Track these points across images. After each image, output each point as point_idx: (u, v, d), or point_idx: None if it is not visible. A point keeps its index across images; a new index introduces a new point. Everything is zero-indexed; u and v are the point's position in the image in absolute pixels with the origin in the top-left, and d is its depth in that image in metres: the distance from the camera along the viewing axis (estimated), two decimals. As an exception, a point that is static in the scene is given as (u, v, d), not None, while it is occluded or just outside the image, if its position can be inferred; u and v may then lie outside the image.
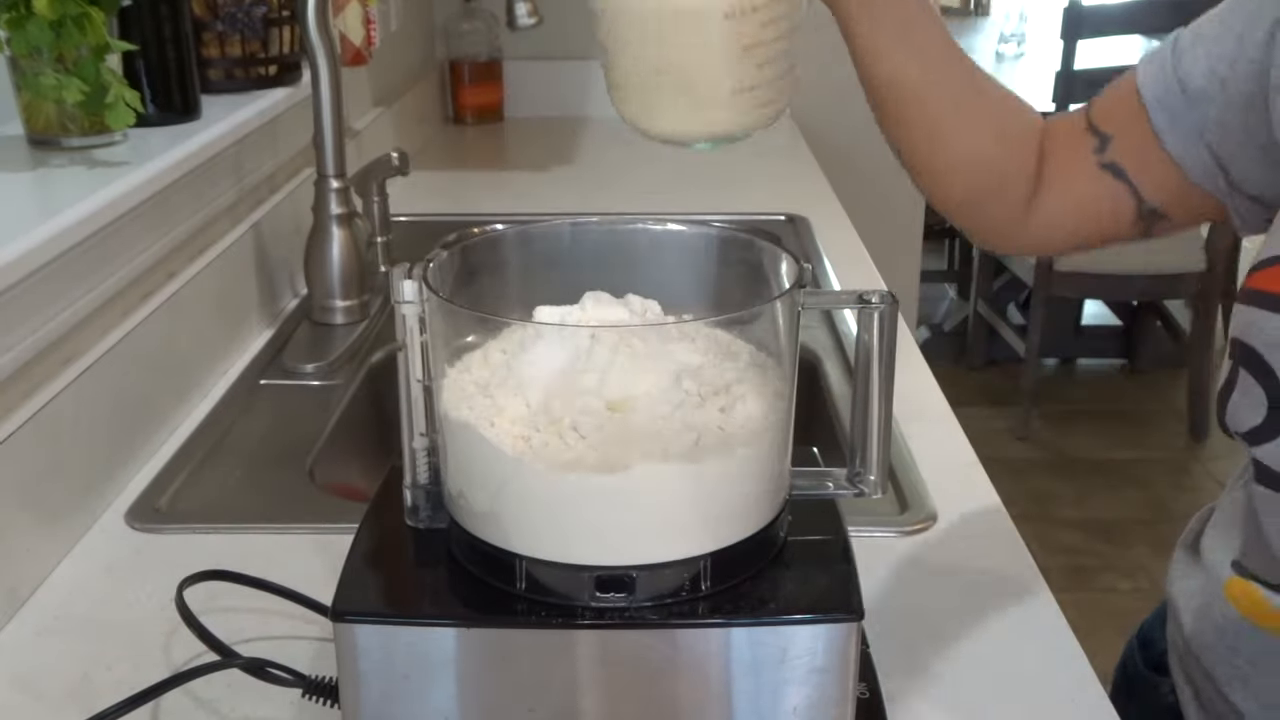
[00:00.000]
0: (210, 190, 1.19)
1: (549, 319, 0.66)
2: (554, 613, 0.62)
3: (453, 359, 0.64)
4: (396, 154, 1.40)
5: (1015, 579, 0.88)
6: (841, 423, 1.15)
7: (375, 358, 1.27)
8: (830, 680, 0.62)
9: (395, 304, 0.64)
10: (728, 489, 0.62)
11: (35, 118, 1.05)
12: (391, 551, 0.68)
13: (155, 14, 1.15)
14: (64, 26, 0.97)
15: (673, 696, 0.63)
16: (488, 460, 0.62)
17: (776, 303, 0.65)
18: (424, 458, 0.68)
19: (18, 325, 0.84)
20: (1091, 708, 0.75)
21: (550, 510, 0.61)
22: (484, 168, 2.17)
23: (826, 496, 0.70)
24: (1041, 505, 3.00)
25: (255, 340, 1.30)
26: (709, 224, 0.72)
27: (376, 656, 0.62)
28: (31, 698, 0.76)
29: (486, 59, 2.34)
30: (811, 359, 1.26)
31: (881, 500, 0.79)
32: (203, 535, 0.93)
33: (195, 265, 1.15)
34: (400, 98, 2.02)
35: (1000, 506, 0.97)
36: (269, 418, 1.14)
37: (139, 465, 1.03)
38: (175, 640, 0.80)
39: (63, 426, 0.90)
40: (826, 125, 2.43)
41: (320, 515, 0.95)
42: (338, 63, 1.26)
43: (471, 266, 0.70)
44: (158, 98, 1.16)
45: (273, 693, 0.72)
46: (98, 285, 0.95)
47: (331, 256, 1.31)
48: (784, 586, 0.64)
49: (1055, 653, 0.80)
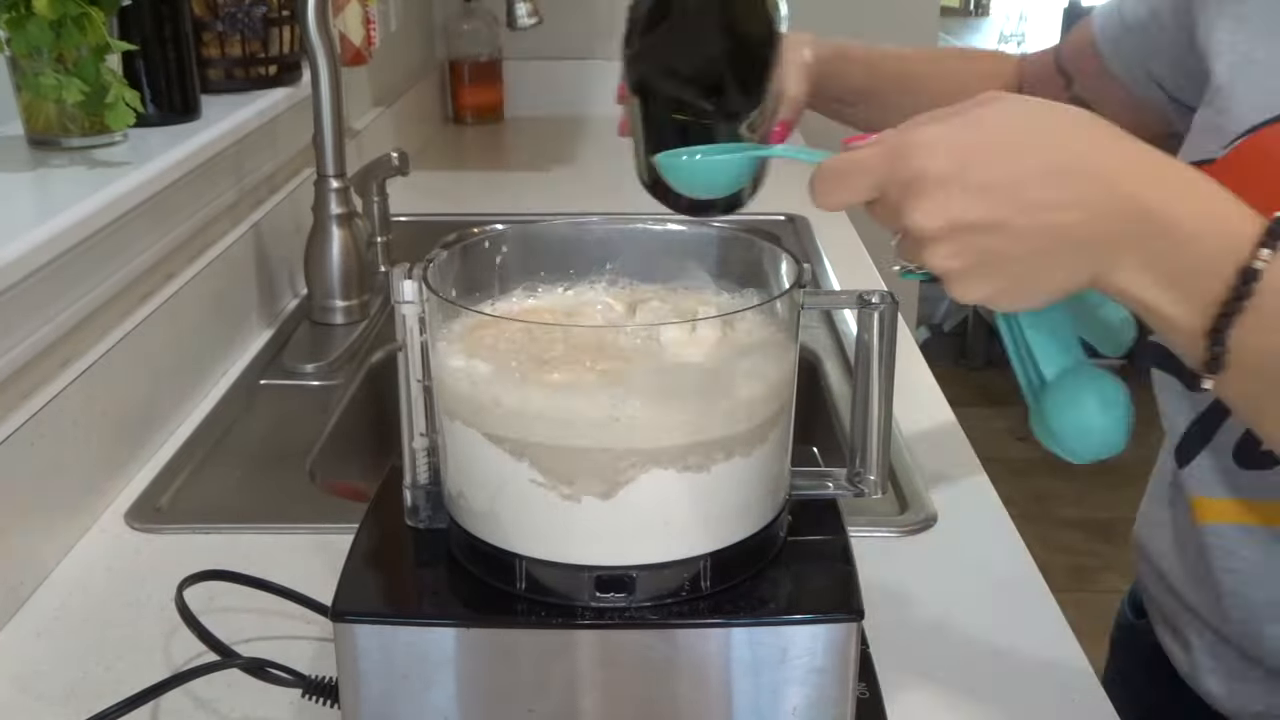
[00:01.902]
0: (210, 190, 1.19)
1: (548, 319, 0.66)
2: (554, 613, 0.62)
3: (453, 358, 0.64)
4: (396, 154, 1.40)
5: (1015, 579, 0.87)
6: (841, 423, 1.14)
7: (375, 358, 1.27)
8: (830, 680, 0.62)
9: (395, 304, 0.64)
10: (727, 489, 0.62)
11: (35, 118, 1.05)
12: (391, 551, 0.68)
13: (155, 14, 1.15)
14: (64, 26, 0.97)
15: (673, 696, 0.63)
16: (487, 460, 0.62)
17: (776, 303, 0.65)
18: (424, 458, 0.68)
19: (18, 325, 0.84)
20: (1091, 707, 0.75)
21: (550, 510, 0.61)
22: (484, 168, 2.17)
23: (826, 496, 0.70)
24: (1041, 505, 3.00)
25: (255, 340, 1.30)
26: (709, 224, 0.72)
27: (376, 656, 0.62)
28: (31, 698, 0.76)
29: (486, 59, 2.33)
30: (811, 359, 1.26)
31: (881, 500, 0.79)
32: (203, 535, 0.93)
33: (195, 265, 1.15)
34: (400, 98, 2.02)
35: (1000, 506, 0.97)
36: (269, 418, 1.14)
37: (139, 465, 1.03)
38: (175, 640, 0.80)
39: (63, 426, 0.90)
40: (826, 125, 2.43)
41: (320, 515, 0.95)
42: (338, 63, 1.26)
43: (471, 266, 0.70)
44: (158, 98, 1.16)
45: (273, 693, 0.72)
46: (98, 286, 0.95)
47: (331, 256, 1.31)
48: (784, 586, 0.64)
49: (1055, 653, 0.80)
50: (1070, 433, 0.57)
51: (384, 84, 1.94)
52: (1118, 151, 0.53)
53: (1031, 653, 0.80)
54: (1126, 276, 0.53)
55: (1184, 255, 0.52)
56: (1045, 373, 0.58)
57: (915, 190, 0.52)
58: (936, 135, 0.53)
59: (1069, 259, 0.52)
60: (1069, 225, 0.51)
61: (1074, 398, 0.57)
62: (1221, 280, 0.51)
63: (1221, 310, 0.51)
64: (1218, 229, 0.52)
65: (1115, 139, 0.54)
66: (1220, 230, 0.52)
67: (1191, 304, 0.52)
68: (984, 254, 0.52)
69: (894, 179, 0.53)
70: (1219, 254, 0.51)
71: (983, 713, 0.74)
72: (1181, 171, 0.53)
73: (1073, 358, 0.59)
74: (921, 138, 0.53)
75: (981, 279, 0.53)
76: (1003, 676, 0.78)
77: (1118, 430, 0.57)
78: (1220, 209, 0.52)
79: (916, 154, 0.53)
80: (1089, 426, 0.57)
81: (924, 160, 0.52)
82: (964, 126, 0.53)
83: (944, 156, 0.52)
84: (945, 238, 0.52)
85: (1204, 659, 0.81)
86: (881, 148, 0.54)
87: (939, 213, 0.52)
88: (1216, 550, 0.75)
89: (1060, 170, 0.52)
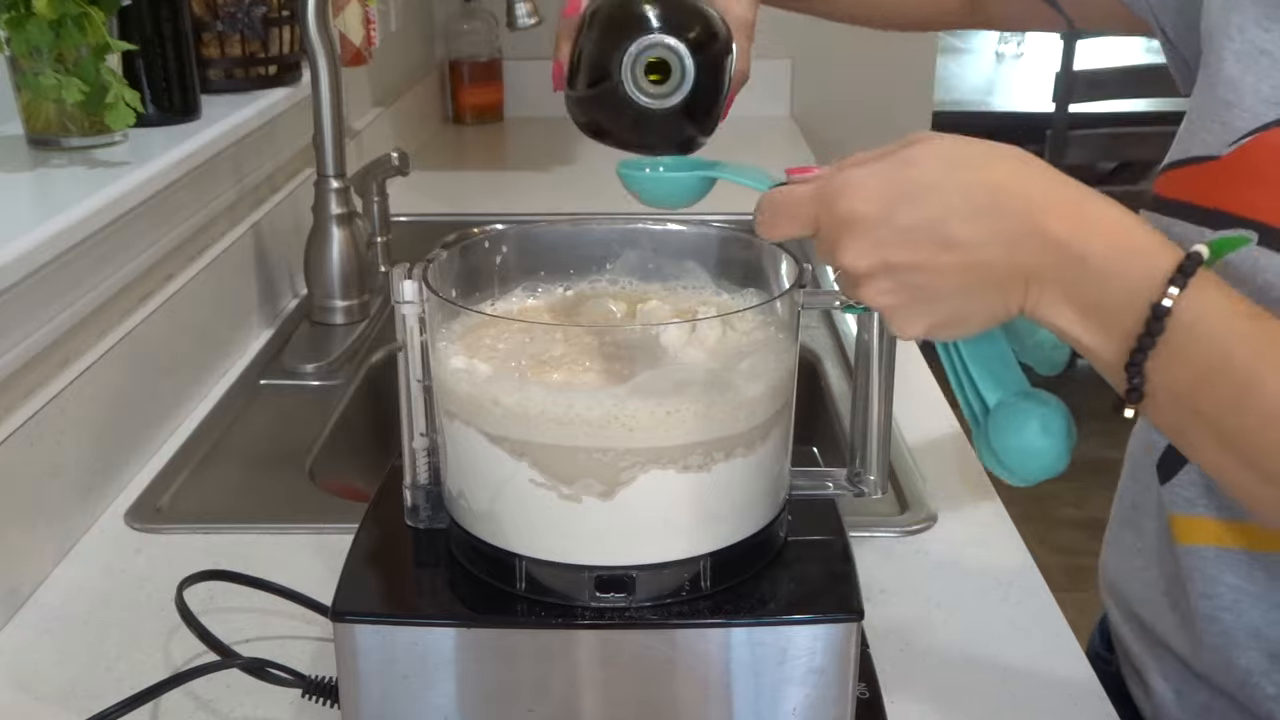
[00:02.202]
0: (210, 190, 1.19)
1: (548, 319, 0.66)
2: (554, 613, 0.62)
3: (453, 358, 0.64)
4: (396, 154, 1.40)
5: (1015, 579, 0.88)
6: (841, 423, 1.15)
7: (375, 358, 1.27)
8: (830, 680, 0.62)
9: (395, 304, 0.64)
10: (727, 489, 0.62)
11: (35, 118, 1.05)
12: (391, 551, 0.68)
13: (155, 14, 1.15)
14: (64, 26, 0.97)
15: (672, 696, 0.63)
16: (487, 460, 0.62)
17: (776, 302, 0.65)
18: (424, 458, 0.68)
19: (17, 325, 0.84)
20: (1091, 708, 0.75)
21: (550, 510, 0.61)
22: (484, 168, 2.17)
23: (826, 496, 0.70)
24: (1041, 505, 3.00)
25: (255, 340, 1.30)
26: (709, 224, 0.72)
27: (376, 656, 0.62)
28: (31, 698, 0.76)
29: (486, 59, 2.33)
30: (811, 359, 1.26)
31: (881, 500, 0.79)
32: (203, 535, 0.93)
33: (195, 265, 1.15)
34: (400, 98, 2.02)
35: (1000, 506, 0.97)
36: (269, 418, 1.14)
37: (139, 465, 1.03)
38: (175, 640, 0.80)
39: (63, 426, 0.90)
40: (826, 124, 2.44)
41: (320, 515, 0.95)
42: (338, 63, 1.26)
43: (471, 266, 0.70)
44: (158, 98, 1.16)
45: (273, 693, 0.72)
46: (97, 285, 0.95)
47: (331, 256, 1.31)
48: (784, 586, 0.64)
49: (1055, 653, 0.80)
50: (1013, 456, 0.60)
51: (384, 84, 1.94)
52: (1039, 189, 0.55)
53: (1031, 653, 0.80)
54: (1049, 308, 0.55)
55: (1099, 290, 0.54)
56: (988, 400, 0.61)
57: (847, 231, 0.56)
58: (866, 177, 0.56)
59: (995, 293, 0.55)
60: (991, 262, 0.54)
61: (1016, 423, 0.60)
62: (1134, 316, 0.53)
63: (1136, 345, 0.54)
64: (1130, 266, 0.54)
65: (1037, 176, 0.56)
66: (1133, 266, 0.54)
67: (1109, 336, 0.55)
68: (916, 291, 0.56)
69: (828, 219, 0.56)
70: (1131, 290, 0.53)
71: (982, 713, 0.74)
72: (1101, 208, 0.55)
73: (1014, 383, 0.61)
74: (853, 179, 0.56)
75: (916, 314, 0.56)
76: (1002, 677, 0.78)
77: (1059, 452, 0.59)
78: (1135, 244, 0.54)
79: (847, 196, 0.56)
80: (1031, 450, 0.59)
81: (854, 203, 0.55)
82: (893, 167, 0.56)
83: (873, 200, 0.55)
84: (877, 276, 0.56)
85: (1166, 703, 0.79)
86: (816, 187, 0.57)
87: (870, 253, 0.55)
88: (1194, 574, 0.74)
89: (982, 210, 0.54)
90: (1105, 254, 0.54)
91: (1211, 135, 0.69)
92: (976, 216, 0.54)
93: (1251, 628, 0.72)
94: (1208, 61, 0.71)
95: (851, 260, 0.56)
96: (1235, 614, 0.72)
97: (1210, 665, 0.75)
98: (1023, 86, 3.92)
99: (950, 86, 3.74)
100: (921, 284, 0.55)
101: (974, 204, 0.54)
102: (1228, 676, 0.74)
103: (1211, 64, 0.71)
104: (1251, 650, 0.72)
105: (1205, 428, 0.55)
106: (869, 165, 0.56)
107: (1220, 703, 0.76)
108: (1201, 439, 0.56)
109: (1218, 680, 0.75)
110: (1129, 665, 0.84)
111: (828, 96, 2.43)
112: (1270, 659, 0.72)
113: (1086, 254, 0.54)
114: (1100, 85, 3.15)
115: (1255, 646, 0.72)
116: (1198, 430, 0.56)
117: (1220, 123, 0.68)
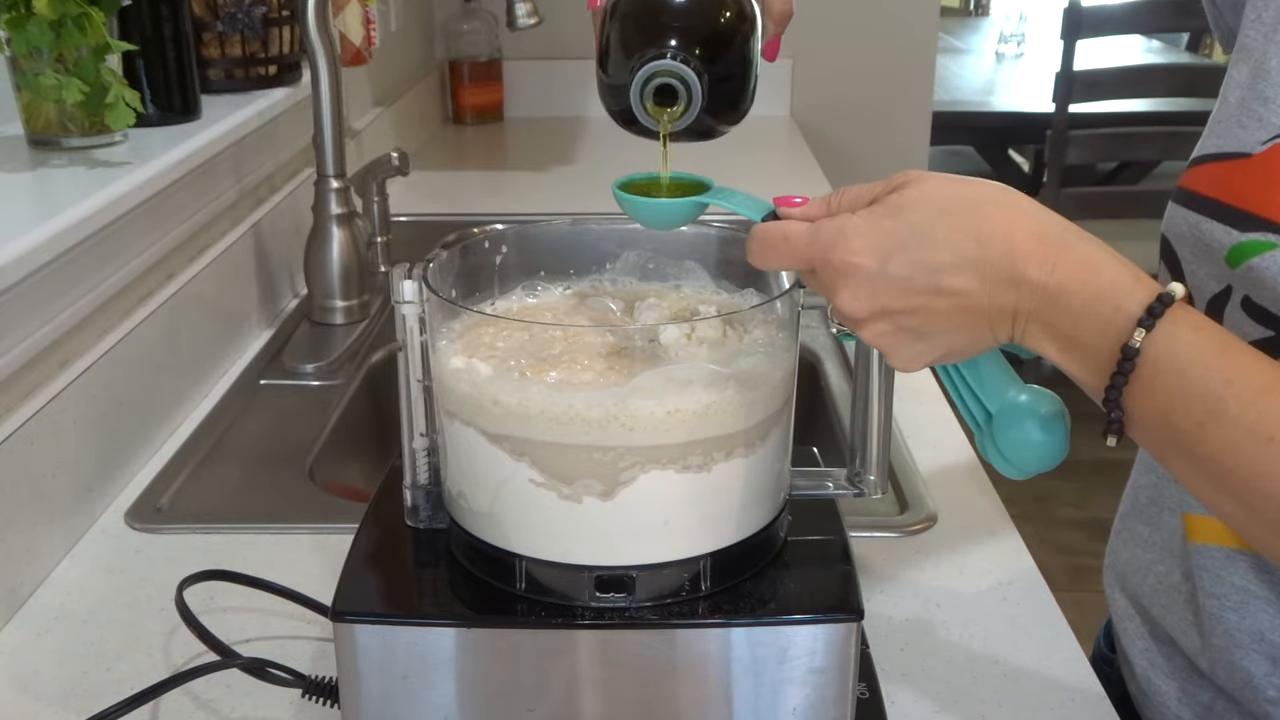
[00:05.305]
0: (210, 190, 1.19)
1: (549, 319, 0.66)
2: (554, 613, 0.62)
3: (453, 358, 0.64)
4: (396, 154, 1.40)
5: (1015, 579, 0.88)
6: (841, 423, 1.15)
7: (375, 358, 1.27)
8: (830, 680, 0.62)
9: (395, 304, 0.64)
10: (728, 489, 0.62)
11: (35, 118, 1.05)
12: (391, 551, 0.68)
13: (155, 14, 1.15)
14: (64, 26, 0.97)
15: (672, 696, 0.63)
16: (488, 460, 0.62)
17: (776, 302, 0.65)
18: (424, 458, 0.68)
19: (18, 325, 0.84)
20: (1091, 708, 0.75)
21: (550, 510, 0.61)
22: (484, 168, 2.17)
23: (826, 496, 0.70)
24: (1041, 505, 3.00)
25: (255, 340, 1.30)
26: (709, 224, 0.72)
27: (376, 656, 0.62)
28: (31, 698, 0.76)
29: (486, 59, 2.33)
30: (811, 359, 1.26)
31: (881, 500, 0.79)
32: (203, 535, 0.93)
33: (195, 265, 1.15)
34: (400, 98, 2.02)
35: (1000, 506, 0.97)
36: (269, 418, 1.14)
37: (139, 465, 1.03)
38: (175, 640, 0.80)
39: (63, 426, 0.90)
40: (826, 124, 2.44)
41: (320, 515, 0.95)
42: (337, 63, 1.26)
43: (471, 266, 0.70)
44: (158, 98, 1.16)
45: (273, 693, 0.72)
46: (97, 285, 0.95)
47: (331, 256, 1.31)
48: (784, 586, 0.64)
49: (1055, 653, 0.80)
50: (1016, 452, 0.63)
51: (384, 84, 1.94)
52: (1021, 232, 0.58)
53: (1031, 653, 0.80)
54: (1035, 340, 0.59)
55: (1075, 328, 0.58)
56: (989, 407, 0.64)
57: (843, 280, 0.59)
58: (860, 227, 0.59)
59: (985, 328, 0.60)
60: (980, 305, 0.59)
61: (1018, 422, 0.63)
62: (1107, 353, 0.57)
63: (1110, 382, 0.57)
64: (1101, 307, 0.57)
65: (1018, 218, 0.59)
66: (1103, 307, 0.57)
67: (1087, 370, 0.59)
68: (912, 332, 0.60)
69: (824, 266, 0.60)
70: (1103, 331, 0.57)
71: (982, 712, 0.74)
72: (1079, 249, 0.58)
73: (1011, 387, 0.64)
74: (847, 229, 0.59)
75: (913, 352, 0.61)
76: (1003, 676, 0.78)
77: (1059, 444, 0.63)
78: (1106, 285, 0.57)
79: (840, 249, 0.59)
80: (1032, 444, 0.62)
81: (848, 255, 0.59)
82: (884, 216, 0.59)
83: (867, 252, 0.59)
84: (875, 320, 0.60)
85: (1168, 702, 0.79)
86: (811, 234, 0.60)
87: (867, 301, 0.59)
88: (1203, 573, 0.74)
89: (968, 261, 0.58)
90: (1080, 294, 0.57)
91: (1247, 132, 0.68)
92: (964, 266, 0.58)
93: (1255, 630, 0.72)
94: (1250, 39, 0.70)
95: (850, 307, 0.59)
96: (1240, 615, 0.72)
97: (1214, 664, 0.75)
98: (1023, 86, 3.92)
99: (950, 86, 3.74)
100: (916, 325, 0.59)
101: (961, 255, 0.58)
102: (1230, 677, 0.74)
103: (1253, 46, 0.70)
104: (1254, 653, 0.72)
105: (1180, 455, 0.58)
106: (862, 214, 0.60)
107: (1222, 703, 0.76)
108: (1178, 465, 0.59)
109: (1221, 680, 0.75)
110: (1128, 664, 0.84)
111: (828, 96, 2.43)
112: (1272, 663, 0.71)
113: (1061, 296, 0.57)
114: (1100, 85, 3.14)
115: (1258, 649, 0.72)
116: (1174, 457, 0.59)
117: (1257, 118, 0.68)
